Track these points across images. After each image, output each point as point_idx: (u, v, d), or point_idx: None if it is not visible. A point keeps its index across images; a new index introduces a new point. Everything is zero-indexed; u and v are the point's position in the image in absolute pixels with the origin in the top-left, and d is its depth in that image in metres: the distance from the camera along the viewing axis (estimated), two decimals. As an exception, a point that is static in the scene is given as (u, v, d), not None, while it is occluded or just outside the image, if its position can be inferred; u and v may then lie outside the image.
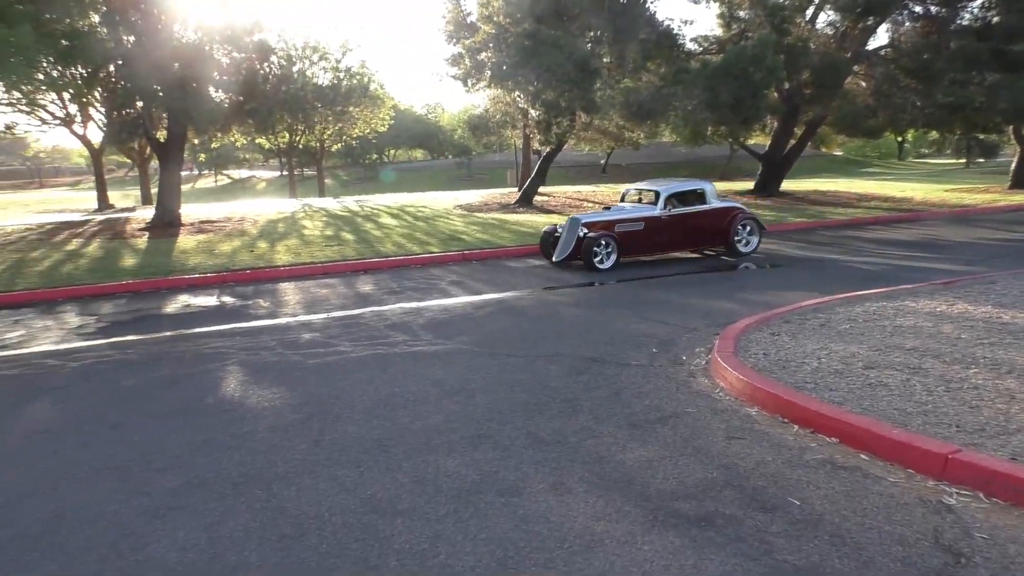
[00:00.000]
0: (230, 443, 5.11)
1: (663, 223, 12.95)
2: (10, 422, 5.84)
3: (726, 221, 13.35)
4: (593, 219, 12.90)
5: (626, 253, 12.72)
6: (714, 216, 13.32)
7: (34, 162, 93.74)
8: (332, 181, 67.74)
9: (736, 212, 13.48)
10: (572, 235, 12.70)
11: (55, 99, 27.88)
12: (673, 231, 13.05)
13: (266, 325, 9.01)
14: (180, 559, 3.58)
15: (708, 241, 13.52)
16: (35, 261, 14.81)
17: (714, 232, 13.37)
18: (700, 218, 13.22)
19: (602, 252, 12.40)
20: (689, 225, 13.15)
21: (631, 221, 12.84)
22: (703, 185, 13.54)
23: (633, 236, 12.78)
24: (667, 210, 12.95)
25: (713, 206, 13.33)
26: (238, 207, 27.79)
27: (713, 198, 13.39)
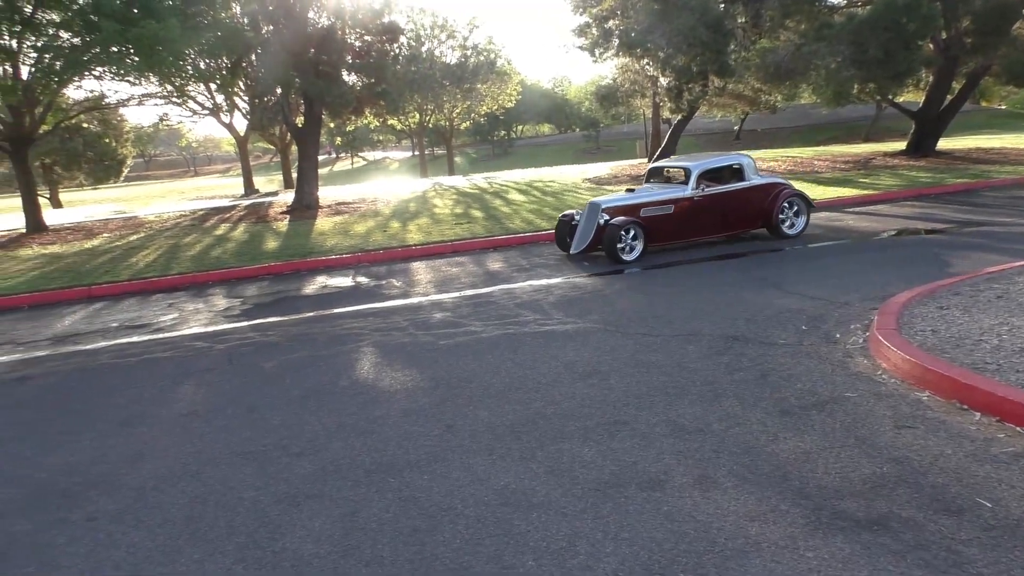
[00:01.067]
0: (364, 428, 5.07)
1: (695, 205, 11.38)
2: (163, 404, 6.07)
3: (768, 200, 11.69)
4: (615, 203, 11.28)
5: (654, 240, 11.19)
6: (754, 194, 11.66)
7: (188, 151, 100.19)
8: (462, 159, 68.65)
9: (780, 189, 11.81)
10: (591, 223, 11.19)
11: (203, 90, 29.43)
12: (707, 214, 11.48)
13: (398, 305, 9.05)
14: (315, 551, 3.52)
15: (747, 223, 11.86)
16: (188, 246, 15.66)
17: (754, 213, 11.73)
18: (738, 197, 11.58)
19: (627, 241, 10.88)
20: (725, 206, 11.56)
21: (658, 204, 11.26)
22: (740, 159, 11.83)
23: (661, 221, 11.23)
24: (699, 190, 11.35)
25: (753, 183, 11.66)
26: (372, 188, 28.54)
27: (752, 174, 11.73)
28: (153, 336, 8.55)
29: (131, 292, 11.73)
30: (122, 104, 26.47)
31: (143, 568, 3.52)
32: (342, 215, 18.83)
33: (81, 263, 14.28)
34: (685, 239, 11.68)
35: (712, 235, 11.84)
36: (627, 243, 10.87)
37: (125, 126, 43.54)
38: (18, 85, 18.53)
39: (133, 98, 24.70)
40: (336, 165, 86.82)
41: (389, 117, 35.22)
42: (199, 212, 23.47)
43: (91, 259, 14.74)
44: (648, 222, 11.08)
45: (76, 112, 26.30)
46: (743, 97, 28.70)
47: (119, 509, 4.16)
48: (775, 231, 11.77)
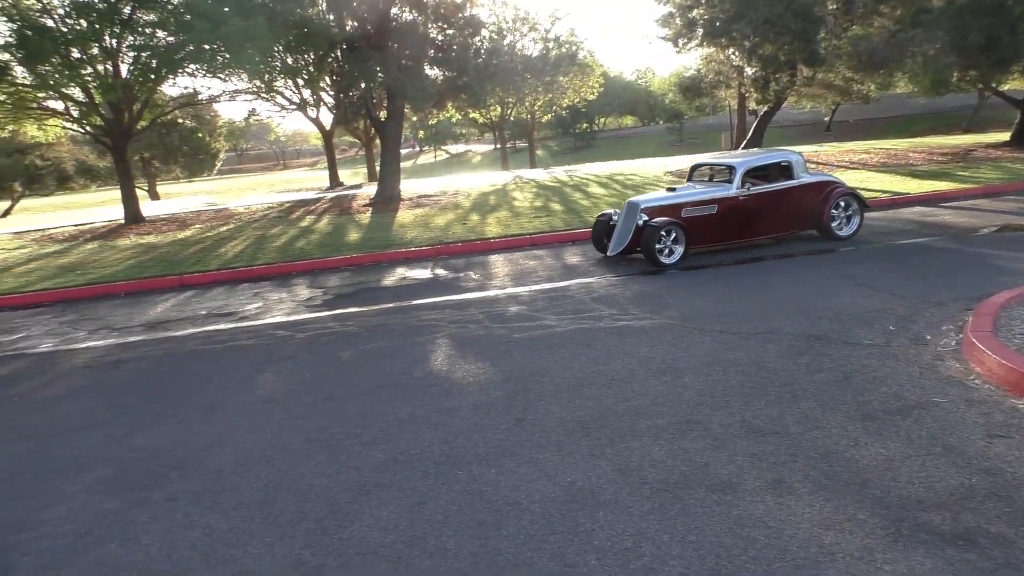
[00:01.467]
0: (435, 419, 5.11)
1: (740, 205, 10.65)
2: (245, 391, 6.26)
3: (819, 199, 10.93)
4: (655, 203, 10.60)
5: (696, 243, 10.52)
6: (804, 193, 10.90)
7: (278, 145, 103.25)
8: (543, 152, 68.62)
9: (832, 188, 11.06)
10: (630, 223, 10.54)
11: (290, 85, 30.23)
12: (753, 214, 10.74)
13: (475, 298, 9.10)
14: (381, 541, 3.56)
15: (796, 224, 11.11)
16: (274, 237, 16.13)
17: (804, 213, 10.97)
18: (786, 197, 10.81)
19: (667, 243, 10.17)
20: (772, 206, 10.80)
21: (701, 204, 10.58)
22: (788, 156, 11.06)
23: (704, 222, 10.54)
24: (745, 189, 10.62)
25: (802, 181, 10.91)
26: (453, 181, 28.79)
27: (802, 171, 10.97)
28: (238, 324, 8.83)
29: (220, 281, 12.15)
30: (214, 100, 27.47)
31: (216, 549, 3.63)
32: (423, 208, 19.07)
33: (174, 253, 14.88)
34: (728, 241, 10.95)
35: (758, 237, 11.11)
36: (667, 245, 10.18)
37: (218, 121, 45.23)
38: (118, 83, 19.43)
39: (224, 94, 25.58)
40: (419, 158, 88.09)
41: (470, 110, 35.49)
42: (286, 204, 24.15)
43: (183, 249, 15.34)
44: (689, 223, 10.42)
45: (171, 108, 27.42)
46: (834, 87, 27.71)
47: (198, 491, 4.31)
48: (826, 232, 11.01)
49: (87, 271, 13.55)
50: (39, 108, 21.30)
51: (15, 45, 17.15)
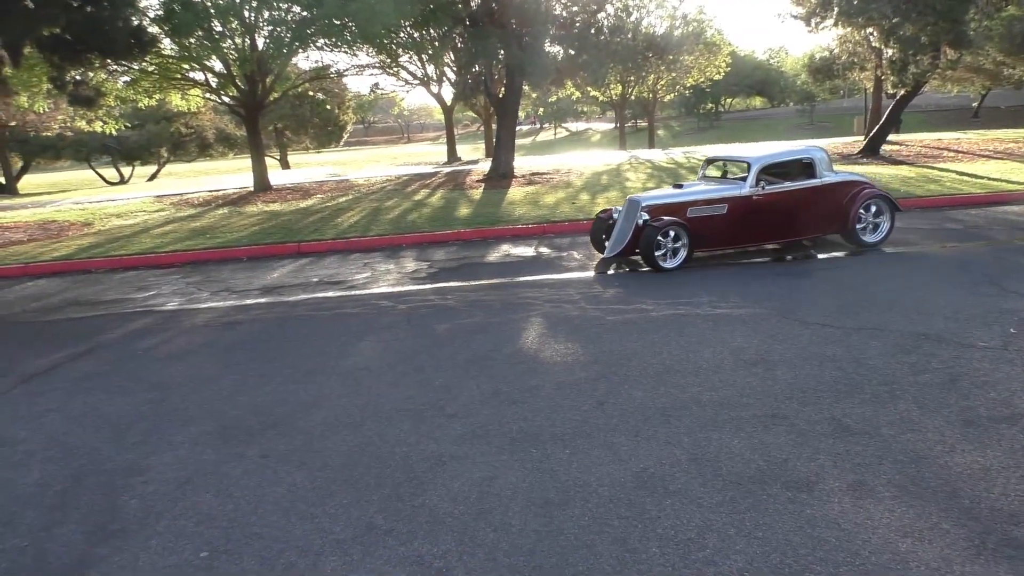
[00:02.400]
0: (516, 396, 5.19)
1: (754, 205, 9.60)
2: (343, 357, 6.54)
3: (844, 200, 9.85)
4: (658, 200, 9.65)
5: (702, 245, 9.64)
6: (827, 194, 9.84)
7: (402, 119, 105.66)
8: (664, 132, 67.32)
9: (859, 188, 9.96)
10: (630, 222, 9.57)
11: (415, 60, 30.85)
12: (768, 215, 9.69)
13: (574, 278, 9.10)
14: (450, 511, 3.67)
15: (818, 227, 10.02)
16: (388, 209, 16.61)
17: (827, 215, 9.91)
18: (807, 197, 9.76)
19: (668, 245, 9.26)
20: (791, 207, 9.75)
21: (710, 203, 9.59)
22: (811, 153, 10.00)
23: (712, 223, 9.56)
24: (760, 187, 9.58)
25: (825, 181, 9.84)
26: (567, 159, 28.71)
27: (825, 170, 9.91)
28: (346, 292, 9.19)
29: (334, 250, 12.64)
30: (342, 74, 28.38)
31: (298, 506, 3.84)
32: (534, 185, 19.14)
33: (295, 221, 15.58)
34: (740, 245, 9.96)
35: (773, 240, 10.13)
36: (668, 247, 9.27)
37: (346, 94, 46.70)
38: (253, 56, 20.39)
39: (352, 68, 26.40)
40: (539, 136, 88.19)
41: (590, 88, 35.20)
42: (403, 178, 24.77)
43: (303, 218, 16.03)
44: (695, 224, 9.46)
45: (302, 81, 28.54)
46: (983, 71, 25.84)
47: (289, 450, 4.56)
48: (851, 237, 9.98)
49: (215, 235, 14.39)
50: (182, 79, 22.66)
51: (164, 19, 18.28)
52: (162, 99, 25.70)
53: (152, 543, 3.58)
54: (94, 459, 4.64)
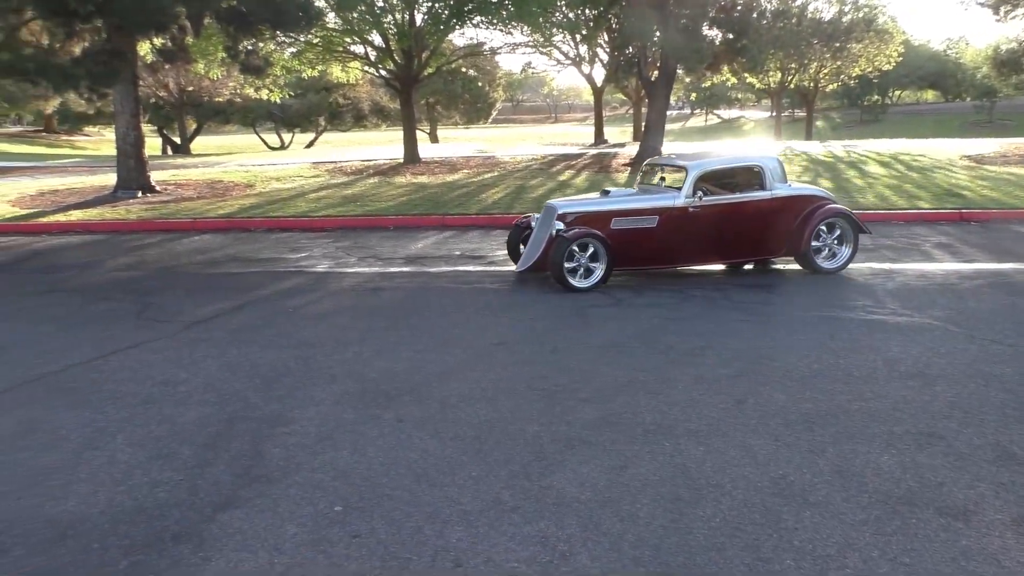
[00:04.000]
0: (652, 387, 5.07)
1: (690, 219, 8.30)
2: (480, 331, 6.62)
3: (797, 219, 8.49)
4: (577, 208, 8.42)
5: (625, 263, 8.36)
6: (778, 210, 8.48)
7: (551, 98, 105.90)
8: (823, 123, 64.08)
9: (817, 205, 8.59)
10: (544, 232, 8.32)
11: (568, 40, 30.73)
12: (706, 231, 8.40)
13: (716, 269, 8.82)
14: (577, 496, 3.64)
15: (766, 248, 8.67)
16: (532, 188, 16.69)
17: (777, 234, 8.56)
18: (754, 212, 8.46)
19: (581, 261, 8.06)
20: (734, 223, 8.45)
21: (638, 214, 8.33)
22: (760, 161, 8.65)
23: (638, 237, 8.29)
24: (696, 198, 8.28)
25: (776, 194, 8.47)
26: (718, 147, 27.85)
27: (777, 181, 8.54)
28: (486, 268, 9.30)
29: (476, 225, 12.84)
30: (495, 52, 28.68)
31: (428, 472, 3.92)
32: (681, 172, 18.71)
33: (441, 194, 15.93)
34: (671, 264, 8.76)
35: (711, 261, 8.86)
36: (581, 264, 8.07)
37: (498, 72, 47.24)
38: (411, 31, 20.93)
39: (505, 46, 26.63)
40: (689, 121, 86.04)
41: (747, 75, 33.93)
42: (549, 157, 24.81)
43: (449, 191, 16.37)
44: (619, 237, 8.20)
45: (456, 57, 29.06)
46: None
47: (423, 417, 4.66)
48: (805, 261, 8.64)
49: (365, 203, 14.94)
50: (343, 52, 23.58)
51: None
52: (324, 70, 26.86)
53: (291, 492, 3.75)
54: (244, 406, 4.92)
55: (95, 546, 3.32)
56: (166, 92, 39.84)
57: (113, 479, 3.94)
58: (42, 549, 3.31)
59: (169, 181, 19.64)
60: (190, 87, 39.69)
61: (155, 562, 3.18)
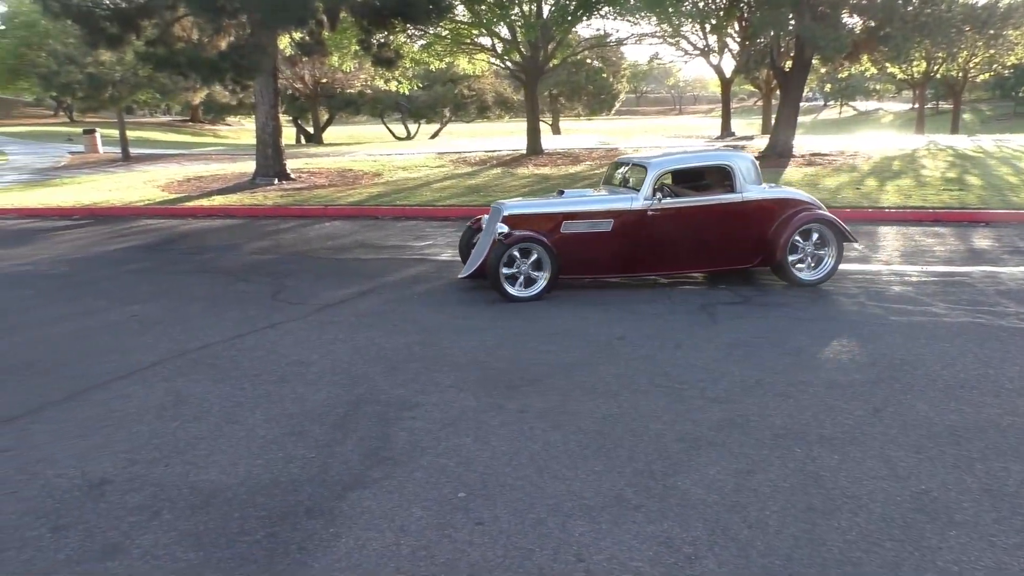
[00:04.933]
0: (782, 389, 4.88)
1: (649, 223, 7.63)
2: (600, 324, 6.57)
3: (774, 224, 7.71)
4: (524, 209, 7.78)
5: (576, 270, 7.77)
6: (751, 214, 7.73)
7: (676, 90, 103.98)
8: (971, 116, 59.93)
9: (796, 210, 7.77)
10: (489, 235, 7.72)
11: (696, 30, 30.01)
12: (667, 238, 7.70)
13: (853, 270, 8.40)
14: (703, 498, 3.54)
15: (734, 257, 7.89)
16: (655, 181, 16.40)
17: (748, 242, 7.79)
18: (722, 217, 7.71)
19: (522, 268, 7.43)
20: (697, 229, 7.71)
21: (591, 216, 7.68)
22: (729, 160, 7.87)
23: (591, 243, 7.67)
24: (656, 200, 7.59)
25: (747, 197, 7.70)
26: (853, 141, 26.57)
27: (748, 183, 7.74)
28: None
29: (598, 218, 12.74)
30: (622, 43, 28.35)
31: (551, 465, 3.91)
32: (814, 166, 17.93)
33: (563, 186, 15.88)
34: (627, 273, 8.03)
35: (672, 271, 8.05)
36: (522, 271, 7.44)
37: (622, 63, 46.74)
38: (538, 23, 20.96)
39: (632, 37, 26.26)
40: (821, 114, 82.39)
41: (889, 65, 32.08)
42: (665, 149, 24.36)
43: (572, 183, 16.30)
44: (568, 243, 7.59)
45: (582, 49, 28.91)
46: None
47: (544, 408, 4.66)
48: (781, 272, 7.84)
49: (488, 193, 15.11)
50: (471, 44, 23.90)
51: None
52: (451, 62, 27.33)
53: (417, 475, 3.83)
54: (371, 389, 5.07)
55: (235, 515, 3.50)
56: (302, 84, 41.60)
57: (251, 452, 4.15)
58: (188, 514, 3.52)
59: (303, 169, 20.53)
60: (324, 79, 41.29)
61: (289, 535, 3.32)
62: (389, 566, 3.08)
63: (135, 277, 9.06)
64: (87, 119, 48.00)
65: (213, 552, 3.21)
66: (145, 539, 3.33)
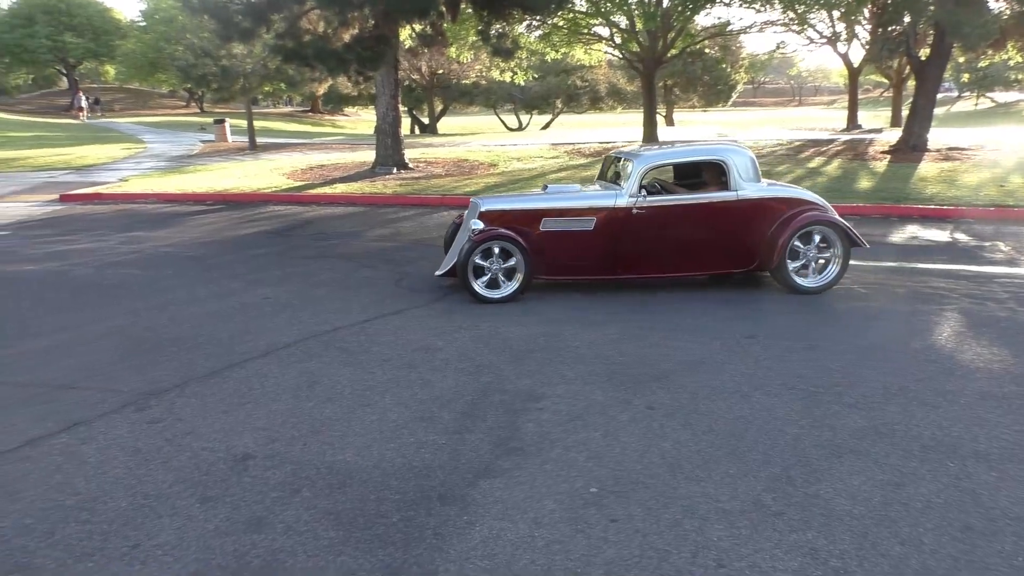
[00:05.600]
0: (928, 399, 4.60)
1: (634, 223, 7.15)
2: (727, 320, 6.39)
3: (773, 225, 7.12)
4: (501, 205, 7.44)
5: (556, 270, 7.35)
6: (744, 214, 7.16)
7: (796, 81, 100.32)
8: None
9: (797, 210, 7.18)
10: (466, 232, 7.32)
11: (823, 17, 28.77)
12: (653, 238, 7.18)
13: (1000, 272, 7.86)
14: (848, 509, 3.37)
15: (728, 260, 7.35)
16: (778, 175, 15.85)
17: (743, 244, 7.22)
18: (712, 216, 7.18)
19: (493, 268, 7.07)
20: (687, 229, 7.18)
21: (572, 214, 7.24)
22: (723, 154, 7.26)
23: (571, 242, 7.22)
24: (641, 197, 7.12)
25: (743, 195, 7.12)
26: (995, 135, 24.88)
27: (745, 180, 7.13)
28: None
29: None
30: (743, 31, 27.52)
31: (683, 465, 3.81)
32: (951, 161, 16.89)
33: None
34: (612, 275, 7.45)
35: (659, 273, 7.47)
36: (493, 270, 7.09)
37: (741, 53, 45.38)
38: (658, 12, 20.58)
39: (755, 25, 25.43)
40: (955, 105, 77.61)
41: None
42: (795, 143, 23.46)
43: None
44: (542, 243, 7.20)
45: (702, 38, 28.23)
46: None
47: (673, 406, 4.56)
48: (779, 277, 7.24)
49: (604, 185, 14.96)
50: (588, 34, 23.73)
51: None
52: (567, 53, 27.24)
53: (547, 467, 3.81)
54: (497, 378, 5.09)
55: (372, 497, 3.57)
56: (418, 75, 42.41)
57: (383, 435, 4.23)
58: (326, 493, 3.62)
59: (420, 159, 20.93)
60: (440, 70, 41.96)
61: (424, 520, 3.36)
62: (524, 558, 3.07)
63: (265, 261, 9.44)
64: (216, 109, 50.59)
65: (352, 532, 3.28)
66: (287, 515, 3.44)
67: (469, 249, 7.01)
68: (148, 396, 4.92)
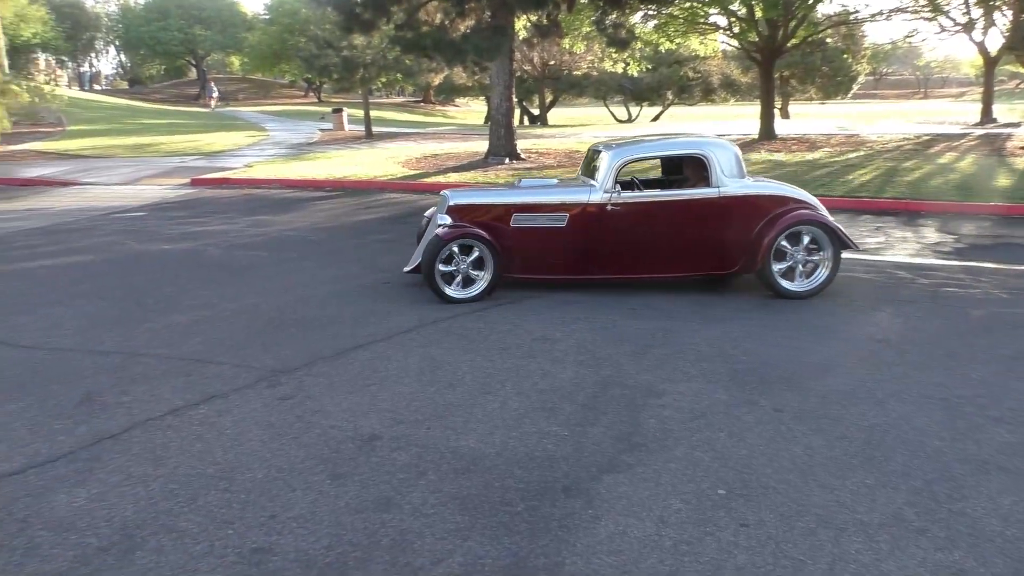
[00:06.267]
0: (1085, 415, 4.27)
1: (608, 220, 6.82)
2: (854, 324, 6.13)
3: (758, 224, 6.69)
4: (469, 199, 7.17)
5: (526, 269, 7.02)
6: (727, 213, 6.76)
7: (923, 72, 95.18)
8: None
9: (785, 209, 6.74)
10: (435, 227, 6.94)
11: (959, 3, 27.12)
12: (628, 237, 6.85)
13: None
14: (1000, 532, 3.16)
15: (708, 261, 6.94)
16: (906, 171, 15.09)
17: (725, 245, 6.82)
18: (691, 214, 6.79)
19: (460, 267, 6.77)
20: (664, 227, 6.82)
21: (543, 210, 6.94)
22: (704, 149, 6.83)
23: (542, 240, 6.92)
24: (616, 193, 6.77)
25: (725, 192, 6.71)
26: None
27: (728, 176, 6.72)
28: (856, 256, 8.53)
29: (841, 208, 11.87)
30: (873, 18, 26.26)
31: (814, 471, 3.67)
32: (1102, 160, 15.66)
33: (801, 173, 15.05)
34: (583, 275, 7.06)
35: (634, 274, 7.08)
36: (461, 268, 6.78)
37: (864, 42, 43.29)
38: (780, 0, 19.87)
39: (882, 12, 24.23)
40: (1102, 99, 71.73)
41: None
42: (923, 137, 22.26)
43: (810, 170, 15.41)
44: (520, 237, 6.89)
45: (825, 27, 27.11)
46: None
47: (802, 410, 4.40)
48: (764, 280, 6.79)
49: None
50: (705, 23, 23.18)
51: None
52: (682, 43, 26.70)
53: (671, 466, 3.75)
54: (617, 372, 5.05)
55: (496, 484, 3.60)
56: (531, 66, 42.48)
57: (505, 423, 4.27)
58: (451, 477, 3.68)
59: (531, 150, 20.99)
60: (551, 61, 41.91)
61: (549, 511, 3.37)
62: (651, 557, 3.03)
63: (382, 246, 9.67)
64: (333, 99, 52.19)
65: (478, 518, 3.32)
66: (414, 496, 3.51)
67: (435, 247, 6.74)
68: (279, 373, 5.12)
